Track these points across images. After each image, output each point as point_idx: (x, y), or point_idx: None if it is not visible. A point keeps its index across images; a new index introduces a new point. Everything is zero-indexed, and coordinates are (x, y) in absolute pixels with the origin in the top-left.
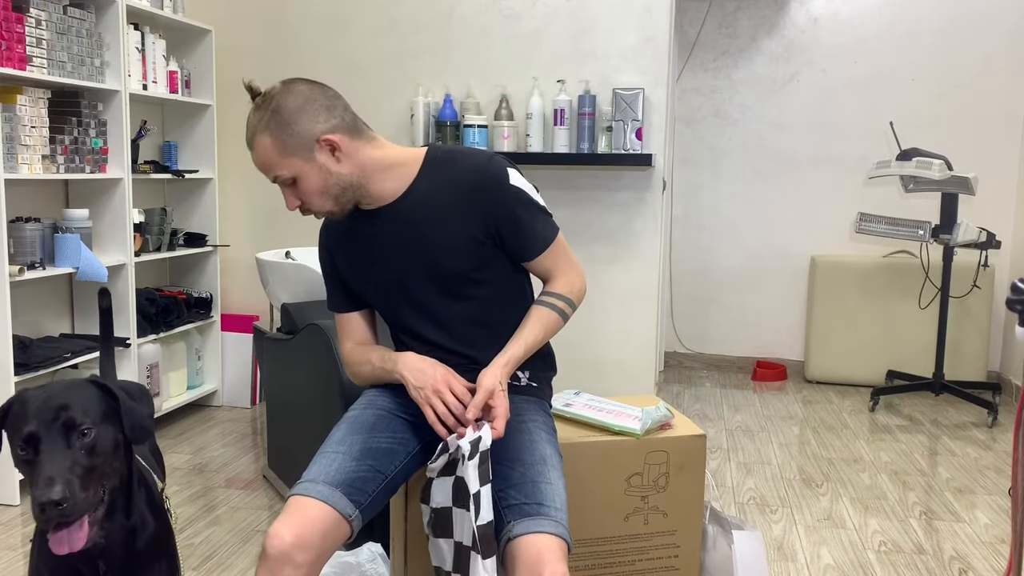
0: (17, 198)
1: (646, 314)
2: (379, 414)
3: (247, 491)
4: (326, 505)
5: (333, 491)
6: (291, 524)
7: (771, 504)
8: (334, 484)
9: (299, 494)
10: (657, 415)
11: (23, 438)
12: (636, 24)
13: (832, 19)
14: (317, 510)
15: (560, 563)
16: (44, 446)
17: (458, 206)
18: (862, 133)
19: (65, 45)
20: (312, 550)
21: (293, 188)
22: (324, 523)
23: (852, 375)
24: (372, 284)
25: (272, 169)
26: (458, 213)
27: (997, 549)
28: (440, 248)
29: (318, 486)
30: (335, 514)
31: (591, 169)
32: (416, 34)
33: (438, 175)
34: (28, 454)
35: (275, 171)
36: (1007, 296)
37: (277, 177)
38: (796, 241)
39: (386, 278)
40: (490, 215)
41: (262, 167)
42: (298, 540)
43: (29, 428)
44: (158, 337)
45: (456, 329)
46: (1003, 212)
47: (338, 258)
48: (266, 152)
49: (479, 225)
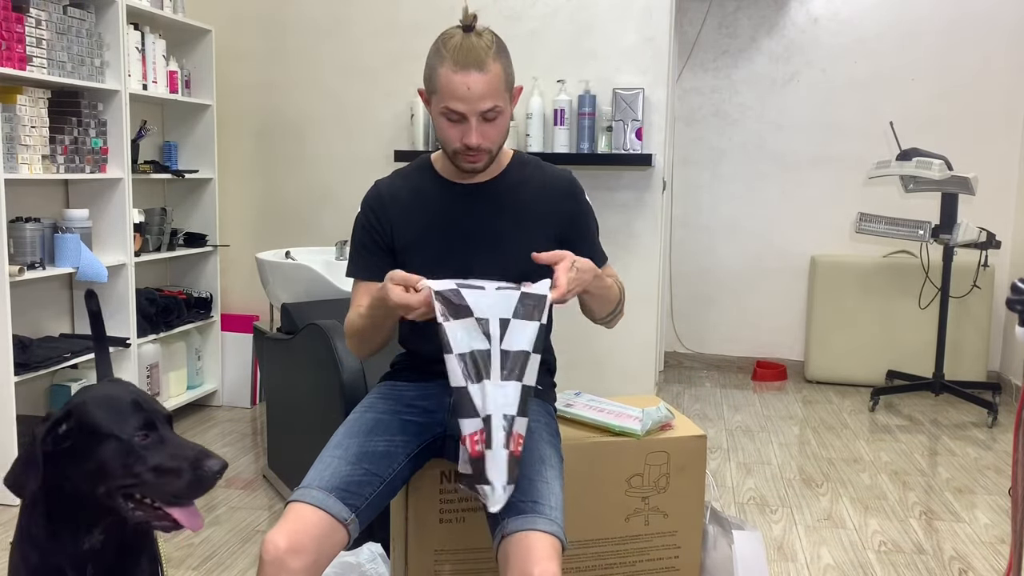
0: (17, 198)
1: (646, 314)
2: (378, 417)
3: (247, 491)
4: (319, 510)
5: (327, 496)
6: (285, 530)
7: (771, 504)
8: (328, 489)
9: (294, 500)
10: (657, 415)
11: (141, 425)
12: (636, 24)
13: (832, 19)
14: (311, 515)
15: (551, 561)
16: (163, 430)
17: (542, 203)
18: (862, 133)
19: (65, 45)
20: (307, 555)
21: (492, 124)
22: (318, 528)
23: (852, 375)
24: (433, 250)
25: (492, 98)
26: (541, 209)
27: (997, 549)
28: (517, 234)
29: (312, 492)
30: (329, 519)
31: (591, 169)
32: (416, 35)
33: (527, 172)
34: (151, 438)
35: (494, 101)
36: (1007, 296)
37: (491, 109)
38: (796, 241)
39: (451, 248)
40: (567, 221)
41: (483, 94)
42: (291, 546)
43: (145, 416)
44: (158, 337)
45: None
46: (1003, 212)
47: (397, 224)
48: (496, 80)
49: (555, 227)
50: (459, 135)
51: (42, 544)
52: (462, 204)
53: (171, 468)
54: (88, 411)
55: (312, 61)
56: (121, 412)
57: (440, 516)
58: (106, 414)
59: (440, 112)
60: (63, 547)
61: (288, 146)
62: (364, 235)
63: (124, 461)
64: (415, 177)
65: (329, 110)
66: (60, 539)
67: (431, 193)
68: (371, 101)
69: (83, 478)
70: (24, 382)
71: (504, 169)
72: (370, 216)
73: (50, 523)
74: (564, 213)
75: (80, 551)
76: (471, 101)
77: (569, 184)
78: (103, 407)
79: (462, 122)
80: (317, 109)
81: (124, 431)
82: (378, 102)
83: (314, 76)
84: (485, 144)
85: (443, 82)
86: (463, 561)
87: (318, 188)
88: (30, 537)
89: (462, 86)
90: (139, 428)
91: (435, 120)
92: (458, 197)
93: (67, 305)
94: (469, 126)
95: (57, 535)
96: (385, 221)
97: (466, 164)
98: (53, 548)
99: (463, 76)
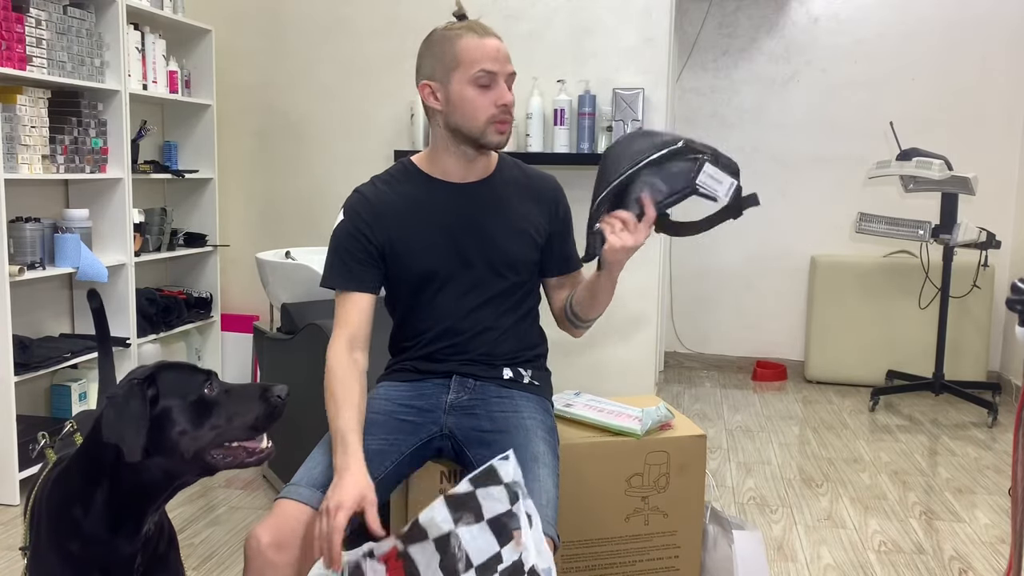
0: (17, 198)
1: (646, 314)
2: (372, 417)
3: (247, 491)
4: (305, 506)
5: (314, 492)
6: (268, 525)
7: (771, 504)
8: (316, 486)
9: (281, 497)
10: (657, 415)
11: (203, 381)
12: (636, 24)
13: (832, 19)
14: (294, 510)
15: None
16: (217, 381)
17: (530, 202)
18: (862, 133)
19: (65, 45)
20: (290, 550)
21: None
22: (303, 524)
23: (852, 375)
24: (431, 251)
25: (511, 64)
26: (530, 207)
27: (997, 549)
28: (509, 232)
29: (300, 489)
30: (314, 514)
31: (591, 169)
32: (416, 34)
33: (514, 174)
34: (216, 390)
35: (513, 68)
36: (1007, 296)
37: (512, 75)
38: (796, 241)
39: (449, 247)
40: (553, 220)
41: (508, 57)
42: (273, 540)
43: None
44: (158, 337)
45: (470, 314)
46: (1003, 212)
47: (393, 229)
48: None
49: (543, 225)
50: (493, 98)
51: (96, 536)
52: (457, 202)
53: (244, 408)
54: (162, 377)
55: (312, 61)
56: (184, 373)
57: None
58: (176, 377)
59: (470, 81)
60: (121, 538)
61: (288, 146)
62: (351, 242)
63: (204, 415)
64: (402, 181)
65: (329, 110)
66: (121, 529)
67: (424, 194)
68: (371, 101)
69: (171, 447)
70: (24, 382)
71: (494, 169)
72: (359, 223)
73: (111, 512)
74: (551, 212)
75: (138, 540)
76: (502, 62)
77: (554, 186)
78: (169, 373)
79: (494, 86)
80: (317, 109)
81: (195, 390)
82: (378, 102)
83: (314, 76)
84: (511, 107)
85: (471, 50)
86: None
87: (318, 188)
88: (76, 532)
89: (493, 49)
90: (203, 384)
91: (460, 96)
92: (453, 196)
93: (67, 305)
94: (501, 88)
95: (119, 525)
96: (379, 228)
97: (497, 134)
98: (107, 540)
99: (491, 40)
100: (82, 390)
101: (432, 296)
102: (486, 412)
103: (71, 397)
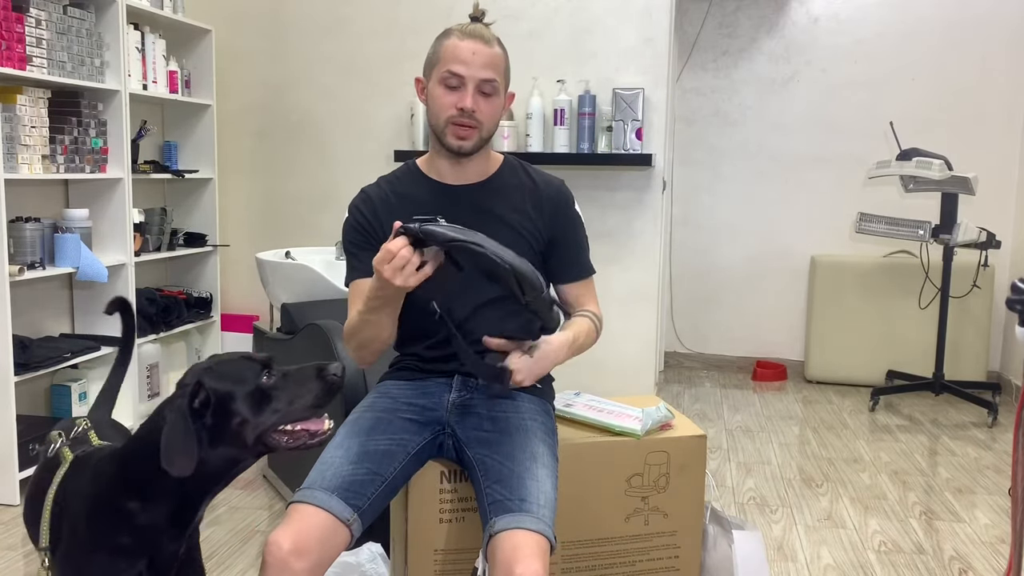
0: (17, 198)
1: (646, 314)
2: (378, 416)
3: (247, 491)
4: (322, 511)
5: (330, 496)
6: (288, 531)
7: (771, 504)
8: (330, 489)
9: (296, 501)
10: (657, 415)
11: (260, 369)
12: (636, 24)
13: (832, 19)
14: (313, 516)
15: (535, 560)
16: (274, 367)
17: (531, 207)
18: (862, 133)
19: (65, 45)
20: (310, 556)
21: (487, 100)
22: (321, 529)
23: (852, 375)
24: None
25: (492, 71)
26: (529, 213)
27: (997, 549)
28: (505, 236)
29: (315, 492)
30: (332, 519)
31: (591, 169)
32: (415, 34)
33: (518, 178)
34: (274, 376)
35: (493, 75)
36: (1007, 296)
37: (488, 81)
38: (796, 241)
39: None
40: (554, 228)
41: (484, 63)
42: (295, 547)
43: (258, 362)
44: (158, 337)
45: (470, 315)
46: (1003, 212)
47: (388, 224)
48: (498, 59)
49: (542, 232)
50: (455, 100)
51: (154, 526)
52: (450, 204)
53: (303, 391)
54: (213, 376)
55: (312, 61)
56: (238, 366)
57: (440, 516)
58: (232, 370)
59: (439, 79)
60: (177, 527)
61: (288, 146)
62: (356, 235)
63: (265, 402)
64: (403, 180)
65: (329, 110)
66: (180, 517)
67: (420, 194)
68: (371, 101)
69: (232, 437)
70: (24, 382)
71: (494, 172)
72: (358, 216)
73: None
74: (553, 218)
75: (190, 528)
76: (473, 66)
77: (559, 190)
78: (222, 369)
79: (460, 88)
80: (317, 109)
81: (251, 380)
82: (378, 102)
83: (314, 76)
84: (478, 115)
85: (447, 49)
86: (463, 561)
87: (318, 188)
88: (128, 524)
89: (467, 51)
90: (260, 372)
91: (431, 94)
92: (446, 197)
93: (67, 305)
94: (466, 92)
95: (179, 513)
96: (376, 222)
97: (455, 138)
98: (164, 529)
99: (469, 43)
100: (82, 390)
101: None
102: (487, 412)
103: (71, 397)
